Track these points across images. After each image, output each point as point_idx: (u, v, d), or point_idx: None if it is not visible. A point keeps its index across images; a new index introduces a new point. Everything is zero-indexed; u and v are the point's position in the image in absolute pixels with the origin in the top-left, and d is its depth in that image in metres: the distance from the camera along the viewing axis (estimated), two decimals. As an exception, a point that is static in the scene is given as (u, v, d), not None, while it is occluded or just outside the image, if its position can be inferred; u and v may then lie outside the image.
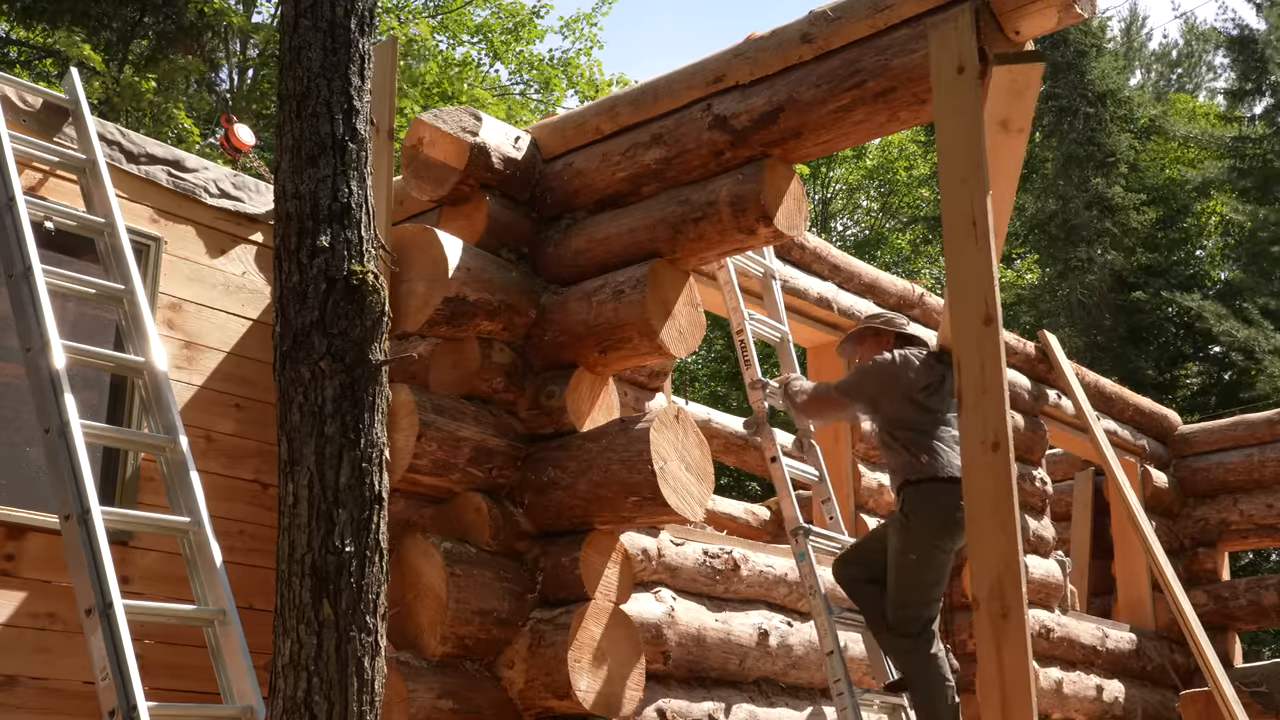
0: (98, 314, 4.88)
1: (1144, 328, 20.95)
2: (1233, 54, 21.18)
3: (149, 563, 4.78)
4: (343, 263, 3.30)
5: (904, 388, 4.92)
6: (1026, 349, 8.40)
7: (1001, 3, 4.02)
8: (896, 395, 4.92)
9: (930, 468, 4.81)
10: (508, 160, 4.87)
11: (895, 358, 4.99)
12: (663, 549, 5.07)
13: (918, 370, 4.96)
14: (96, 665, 3.70)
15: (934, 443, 4.85)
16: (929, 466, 4.81)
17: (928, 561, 4.79)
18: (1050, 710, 7.53)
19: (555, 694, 4.35)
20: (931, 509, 4.79)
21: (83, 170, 4.85)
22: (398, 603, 4.31)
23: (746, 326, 5.35)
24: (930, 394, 4.94)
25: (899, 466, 4.90)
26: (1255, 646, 17.17)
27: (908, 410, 4.90)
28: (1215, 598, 9.31)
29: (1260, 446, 9.44)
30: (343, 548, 3.15)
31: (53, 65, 14.60)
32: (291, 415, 3.25)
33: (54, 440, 4.00)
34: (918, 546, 4.80)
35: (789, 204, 4.45)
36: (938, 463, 4.81)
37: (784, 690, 5.52)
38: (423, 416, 4.34)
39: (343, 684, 3.08)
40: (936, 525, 4.78)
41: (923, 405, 4.91)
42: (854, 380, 5.09)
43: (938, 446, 4.85)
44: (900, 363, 4.97)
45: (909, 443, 4.87)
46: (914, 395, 4.91)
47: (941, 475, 4.79)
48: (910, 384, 4.92)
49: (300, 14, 3.46)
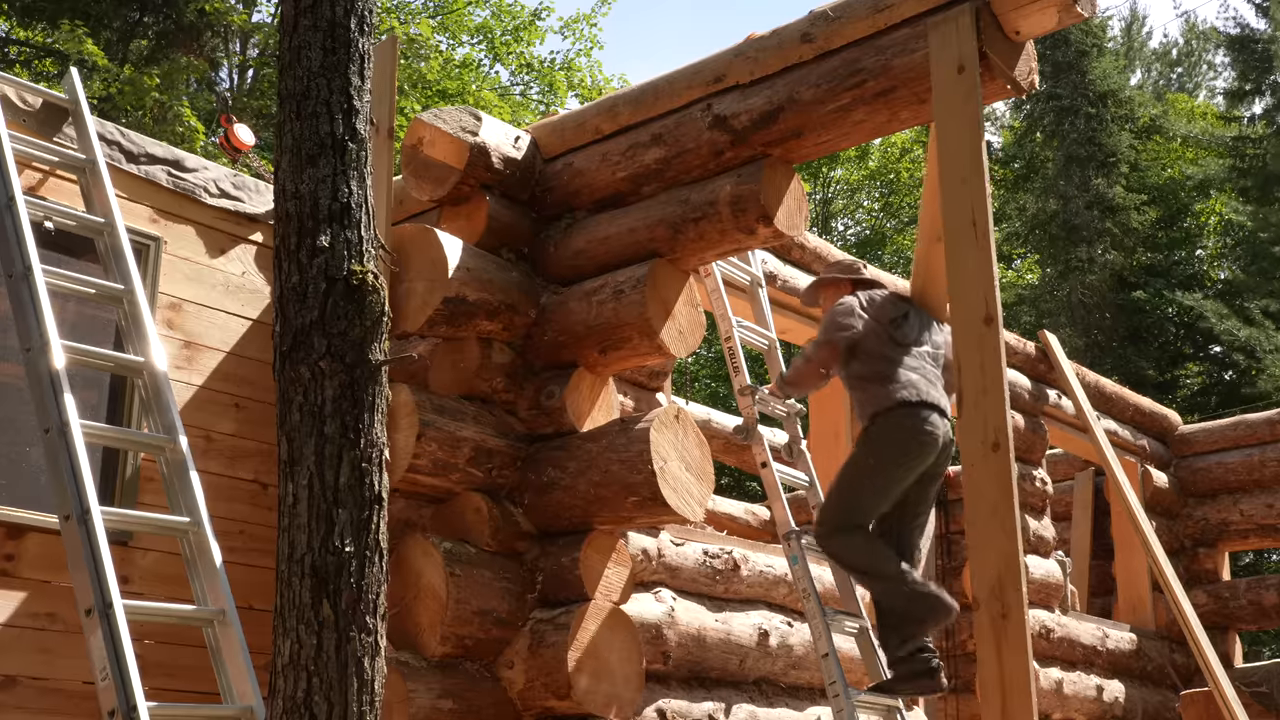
0: (98, 314, 4.88)
1: (1144, 328, 20.95)
2: (1233, 53, 21.18)
3: (149, 563, 4.78)
4: (343, 263, 3.30)
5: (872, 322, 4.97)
6: (1027, 349, 8.40)
7: (1002, 3, 4.02)
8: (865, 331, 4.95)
9: (898, 394, 4.81)
10: (508, 160, 4.87)
11: (859, 298, 5.07)
12: (663, 549, 5.07)
13: (880, 306, 5.03)
14: (96, 665, 3.70)
15: (902, 371, 4.87)
16: (896, 392, 4.81)
17: (882, 471, 4.78)
18: (1050, 710, 7.53)
19: (555, 694, 4.34)
20: (897, 430, 4.78)
21: (82, 170, 4.84)
22: (398, 603, 4.31)
23: (734, 334, 5.35)
24: (896, 327, 4.98)
25: (868, 400, 4.89)
26: (1255, 646, 17.16)
27: (874, 343, 4.93)
28: (1215, 598, 9.31)
29: (1260, 446, 9.44)
30: (343, 548, 3.15)
31: (53, 65, 14.59)
32: (291, 415, 3.25)
33: (54, 440, 4.00)
34: (877, 455, 4.80)
35: (789, 204, 4.45)
36: (906, 390, 4.82)
37: (784, 690, 5.52)
38: (423, 416, 4.34)
39: (343, 684, 3.08)
40: (901, 444, 4.78)
41: (890, 338, 4.94)
42: (823, 329, 5.12)
43: (906, 375, 4.86)
44: (865, 302, 5.05)
45: (877, 376, 4.88)
46: (881, 330, 4.96)
47: (911, 400, 4.80)
48: (876, 318, 4.99)
49: (300, 14, 3.46)
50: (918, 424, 4.74)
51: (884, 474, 4.78)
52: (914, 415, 4.76)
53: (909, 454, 4.77)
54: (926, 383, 4.85)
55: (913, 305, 5.17)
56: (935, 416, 4.80)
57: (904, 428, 4.77)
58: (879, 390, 4.84)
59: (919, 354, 4.94)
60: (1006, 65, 4.07)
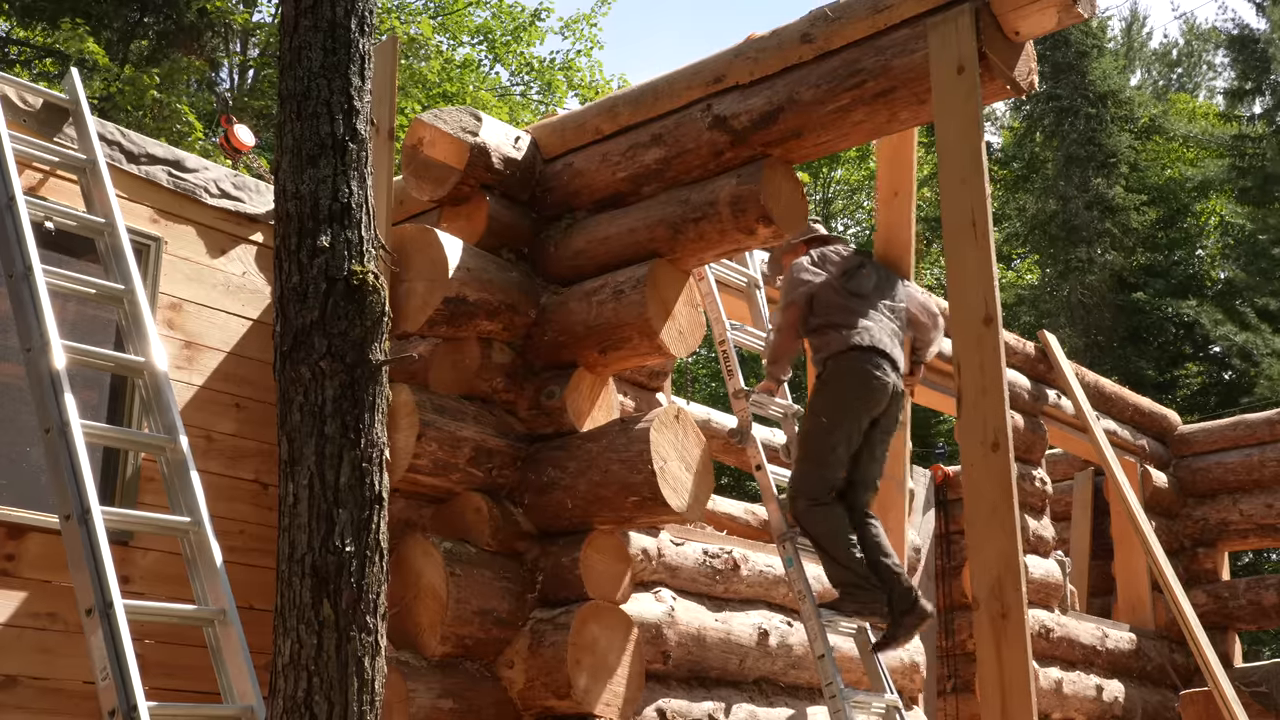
0: (98, 314, 4.88)
1: (1144, 328, 20.94)
2: (1233, 53, 21.18)
3: (149, 563, 4.78)
4: (343, 263, 3.31)
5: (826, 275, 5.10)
6: (1026, 349, 8.41)
7: (1001, 3, 4.02)
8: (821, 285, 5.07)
9: (849, 339, 4.94)
10: (508, 160, 4.87)
11: (811, 254, 5.22)
12: (663, 549, 5.07)
13: (833, 260, 5.18)
14: (96, 665, 3.70)
15: (856, 319, 5.01)
16: (848, 338, 4.95)
17: (836, 425, 4.91)
18: (1050, 710, 7.53)
19: (555, 694, 4.35)
20: (847, 374, 4.92)
21: (83, 170, 4.84)
22: (398, 603, 4.31)
23: (729, 337, 5.37)
24: (849, 278, 5.11)
25: (823, 346, 5.03)
26: (1255, 646, 17.16)
27: (829, 294, 5.05)
28: (1215, 598, 9.31)
29: (1260, 446, 9.44)
30: (343, 548, 3.15)
31: (53, 65, 14.59)
32: (292, 415, 3.25)
33: (54, 440, 4.00)
34: (828, 409, 4.93)
35: (789, 204, 4.45)
36: (859, 335, 4.95)
37: (784, 690, 5.52)
38: (423, 416, 4.34)
39: (343, 684, 3.08)
40: (851, 389, 4.91)
41: (845, 289, 5.07)
42: (782, 294, 5.24)
43: (861, 323, 5.00)
44: (818, 259, 5.19)
45: (831, 324, 5.01)
46: (835, 281, 5.09)
47: (863, 344, 4.93)
48: (831, 272, 5.12)
49: (300, 14, 3.46)
50: (868, 368, 4.89)
51: (840, 426, 4.91)
52: (865, 359, 4.91)
53: (860, 397, 4.91)
54: (881, 330, 5.02)
55: (871, 260, 5.35)
56: (886, 365, 4.95)
57: (854, 371, 4.91)
58: (833, 336, 4.98)
59: (876, 305, 5.10)
60: (1006, 66, 4.08)
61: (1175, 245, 22.32)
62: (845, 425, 4.91)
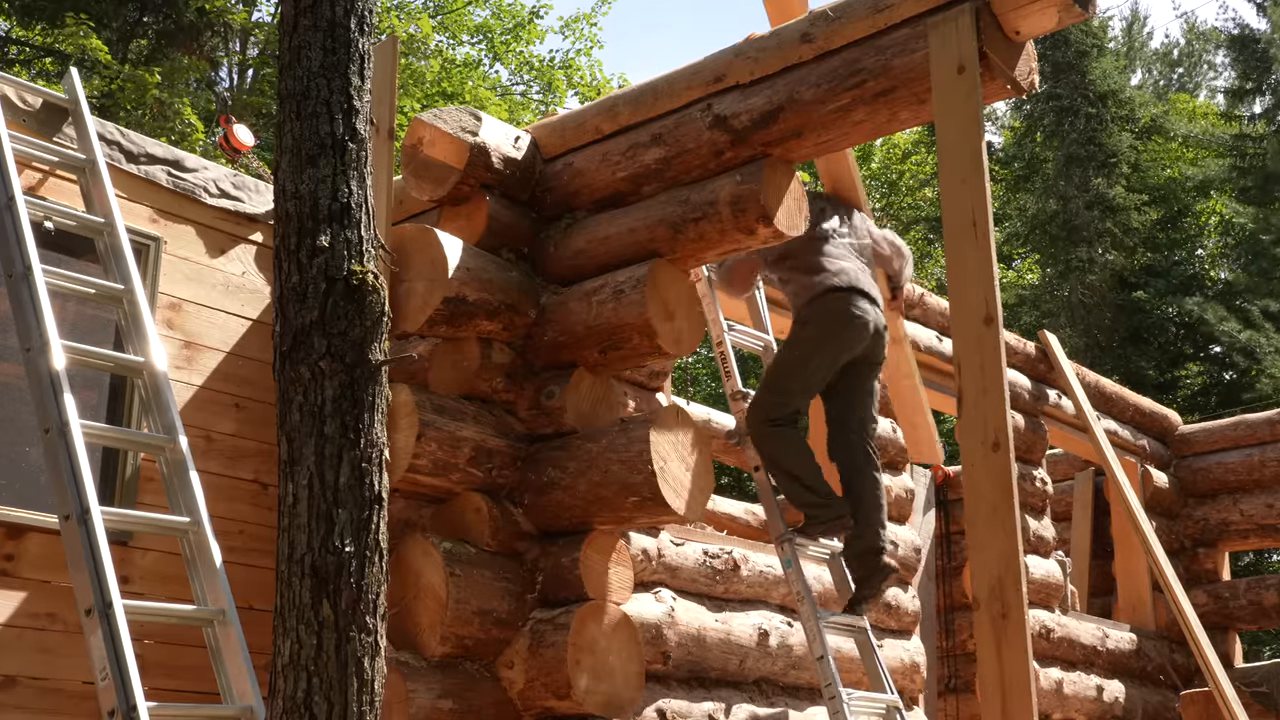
0: (98, 314, 4.88)
1: (1145, 328, 20.94)
2: (1233, 53, 21.19)
3: (149, 563, 4.78)
4: (343, 263, 3.30)
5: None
6: (1027, 349, 8.40)
7: (1001, 3, 4.02)
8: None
9: (828, 281, 4.96)
10: (508, 160, 4.87)
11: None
12: (663, 549, 5.07)
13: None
14: (96, 665, 3.70)
15: (829, 260, 5.02)
16: (827, 280, 4.97)
17: (808, 359, 4.94)
18: (1050, 710, 7.53)
19: (555, 694, 4.35)
20: (827, 315, 4.94)
21: (82, 170, 4.84)
22: (398, 603, 4.31)
23: (726, 338, 5.36)
24: (815, 222, 5.09)
25: (800, 291, 5.04)
26: (1255, 646, 17.17)
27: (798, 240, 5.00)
28: (1215, 598, 9.31)
29: (1260, 446, 9.44)
30: (343, 548, 3.15)
31: (53, 65, 14.60)
32: (291, 415, 3.25)
33: (54, 440, 4.00)
34: (803, 344, 4.97)
35: (789, 204, 4.45)
36: (836, 277, 4.97)
37: (784, 690, 5.51)
38: (423, 416, 4.34)
39: (343, 684, 3.08)
40: (831, 328, 4.94)
41: (812, 235, 5.04)
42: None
43: (836, 264, 5.01)
44: None
45: (805, 267, 5.03)
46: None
47: (841, 285, 4.95)
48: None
49: (300, 14, 3.46)
50: (847, 308, 4.92)
51: (811, 359, 4.95)
52: (844, 300, 4.93)
53: (838, 336, 4.93)
54: (856, 269, 5.04)
55: (829, 200, 5.36)
56: (865, 302, 4.97)
57: (833, 311, 4.94)
58: (808, 280, 5.01)
59: (844, 244, 5.13)
60: (1006, 65, 4.07)
61: (1176, 245, 22.32)
62: (816, 360, 4.95)
